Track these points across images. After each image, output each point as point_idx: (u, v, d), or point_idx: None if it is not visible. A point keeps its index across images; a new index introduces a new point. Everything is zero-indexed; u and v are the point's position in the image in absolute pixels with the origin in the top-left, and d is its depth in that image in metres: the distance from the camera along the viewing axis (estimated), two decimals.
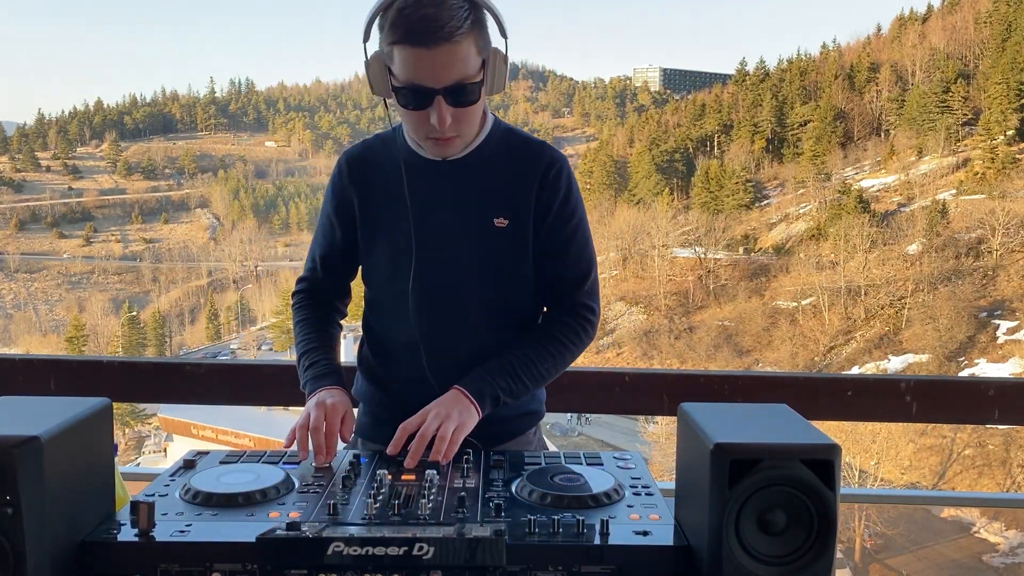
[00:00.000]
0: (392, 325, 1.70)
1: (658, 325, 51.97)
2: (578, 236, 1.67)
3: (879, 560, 21.34)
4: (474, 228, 1.61)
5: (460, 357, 1.62)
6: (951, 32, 72.92)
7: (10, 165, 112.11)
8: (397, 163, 1.63)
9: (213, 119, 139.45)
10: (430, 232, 1.62)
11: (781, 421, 1.16)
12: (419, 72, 1.43)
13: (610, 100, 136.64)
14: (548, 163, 1.63)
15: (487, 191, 1.62)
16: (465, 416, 1.50)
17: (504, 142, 1.66)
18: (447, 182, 1.62)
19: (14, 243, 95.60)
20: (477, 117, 1.55)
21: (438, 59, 1.41)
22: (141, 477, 2.21)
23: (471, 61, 1.45)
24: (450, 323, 1.65)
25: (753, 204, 64.63)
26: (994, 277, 45.39)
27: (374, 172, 1.67)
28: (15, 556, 1.00)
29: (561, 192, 1.64)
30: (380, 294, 1.72)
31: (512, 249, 1.62)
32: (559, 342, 1.65)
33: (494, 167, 1.63)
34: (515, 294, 1.67)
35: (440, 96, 1.45)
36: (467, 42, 1.43)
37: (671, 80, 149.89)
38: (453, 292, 1.64)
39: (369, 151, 1.70)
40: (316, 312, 1.78)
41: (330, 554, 1.03)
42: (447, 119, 1.47)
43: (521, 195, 1.62)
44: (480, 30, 1.46)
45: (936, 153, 59.80)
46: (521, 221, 1.62)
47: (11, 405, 1.16)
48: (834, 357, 44.69)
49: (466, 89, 1.46)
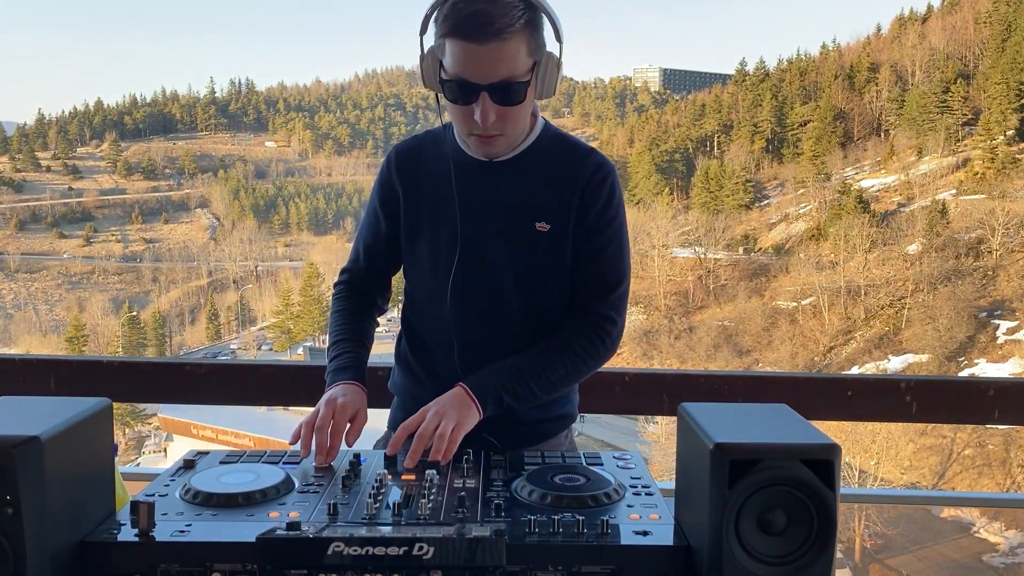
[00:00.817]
0: (429, 320, 1.71)
1: (658, 325, 51.96)
2: (613, 244, 1.65)
3: (879, 560, 21.33)
4: (516, 231, 1.62)
5: (493, 356, 1.61)
6: (951, 32, 72.91)
7: (10, 165, 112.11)
8: (446, 161, 1.64)
9: (213, 119, 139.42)
10: (474, 231, 1.62)
11: (781, 421, 1.16)
12: (467, 66, 1.44)
13: (610, 100, 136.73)
14: (594, 169, 1.63)
15: (532, 195, 1.62)
16: (464, 414, 1.49)
17: (552, 147, 1.66)
18: (494, 183, 1.62)
19: (14, 243, 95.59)
20: (523, 118, 1.55)
21: (486, 55, 1.42)
22: (141, 477, 2.21)
23: (520, 61, 1.45)
24: (485, 322, 1.65)
25: (753, 204, 64.64)
26: (994, 277, 45.38)
27: (422, 168, 1.68)
28: (15, 556, 1.00)
29: (603, 198, 1.63)
30: (419, 289, 1.73)
31: (551, 254, 1.62)
32: (574, 353, 1.61)
33: (540, 171, 1.63)
34: (551, 298, 1.66)
35: (485, 92, 1.45)
36: (517, 41, 1.43)
37: (671, 80, 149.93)
38: (491, 292, 1.64)
39: (418, 147, 1.71)
40: (353, 304, 1.78)
41: (330, 554, 1.03)
42: (491, 116, 1.47)
43: (564, 200, 1.62)
44: (533, 31, 1.47)
45: (936, 153, 59.80)
46: (562, 226, 1.62)
47: (11, 405, 1.16)
48: (834, 357, 44.69)
49: (512, 88, 1.46)
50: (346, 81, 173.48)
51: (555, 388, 1.61)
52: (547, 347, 1.61)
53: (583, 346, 1.62)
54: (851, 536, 21.36)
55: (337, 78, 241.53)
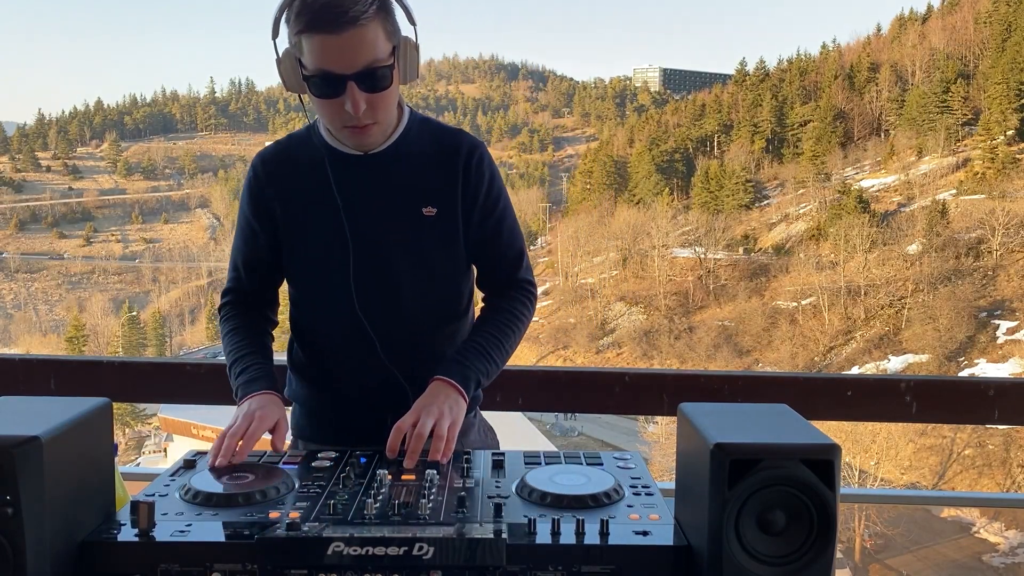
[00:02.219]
0: (330, 321, 1.68)
1: (658, 325, 51.97)
2: (507, 218, 1.72)
3: (879, 560, 21.34)
4: (404, 218, 1.63)
5: (410, 345, 1.65)
6: (951, 32, 72.91)
7: (10, 165, 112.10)
8: (318, 160, 1.63)
9: (213, 119, 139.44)
10: (362, 227, 1.62)
11: (781, 421, 1.16)
12: (328, 58, 1.43)
13: (610, 100, 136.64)
14: (468, 151, 1.66)
15: (413, 181, 1.63)
16: (456, 410, 1.51)
17: (422, 132, 1.67)
18: (372, 174, 1.62)
19: (14, 243, 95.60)
20: (392, 103, 1.55)
21: (346, 44, 1.42)
22: (141, 477, 2.21)
23: (380, 45, 1.45)
24: (391, 311, 1.65)
25: (753, 204, 64.64)
26: (994, 277, 45.39)
27: (293, 171, 1.66)
28: (15, 556, 1.00)
29: (485, 179, 1.67)
30: (312, 291, 1.70)
31: (443, 237, 1.65)
32: (515, 318, 1.71)
33: (417, 157, 1.64)
34: (447, 281, 1.70)
35: (352, 81, 1.45)
36: (374, 26, 1.43)
37: (671, 80, 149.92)
38: (391, 282, 1.64)
39: (284, 151, 1.70)
40: (245, 320, 1.73)
41: (330, 554, 1.03)
42: (361, 104, 1.47)
43: (446, 184, 1.64)
44: (387, 15, 1.47)
45: (936, 153, 59.81)
46: (449, 209, 1.64)
47: (11, 405, 1.16)
48: (834, 357, 44.70)
49: (377, 73, 1.46)
50: None
51: (508, 356, 1.70)
52: (495, 320, 1.69)
53: (522, 312, 1.73)
54: (851, 536, 21.36)
55: None
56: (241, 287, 1.75)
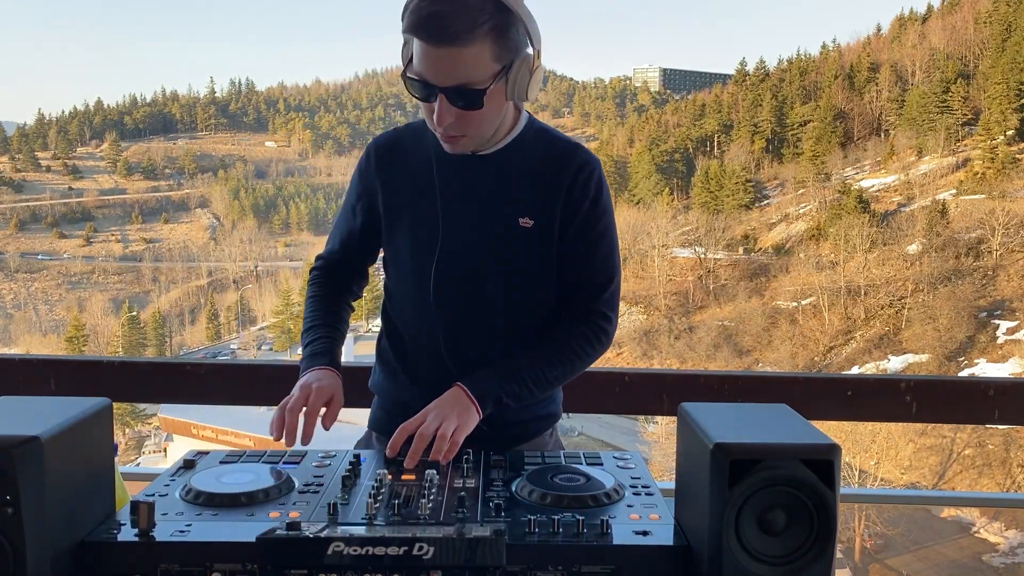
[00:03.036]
0: (412, 314, 1.69)
1: (658, 325, 51.95)
2: (604, 242, 1.64)
3: (879, 560, 21.33)
4: (499, 226, 1.59)
5: (479, 353, 1.60)
6: (951, 32, 72.89)
7: (10, 165, 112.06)
8: (427, 154, 1.62)
9: (213, 119, 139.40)
10: (455, 225, 1.60)
11: (781, 421, 1.16)
12: (424, 66, 1.42)
13: (610, 100, 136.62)
14: (580, 165, 1.60)
15: (515, 190, 1.60)
16: (465, 417, 1.48)
17: (536, 141, 1.63)
18: (476, 177, 1.60)
19: (14, 243, 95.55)
20: (486, 121, 1.51)
21: (442, 58, 1.39)
22: (141, 477, 2.21)
23: (481, 67, 1.41)
24: (469, 318, 1.63)
25: (753, 204, 64.62)
26: (994, 277, 45.38)
27: (402, 161, 1.66)
28: (15, 556, 1.00)
29: (591, 196, 1.61)
30: (400, 284, 1.70)
31: (535, 250, 1.60)
32: (571, 350, 1.61)
33: (524, 166, 1.60)
34: (535, 295, 1.64)
35: (442, 94, 1.43)
36: (478, 47, 1.39)
37: (671, 80, 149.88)
38: (474, 286, 1.62)
39: (398, 140, 1.69)
40: (329, 289, 1.76)
41: (330, 554, 1.03)
42: (446, 118, 1.45)
43: (549, 197, 1.59)
44: (500, 37, 1.41)
45: (936, 153, 59.79)
46: (547, 223, 1.59)
47: (11, 405, 1.16)
48: (834, 357, 44.68)
49: (468, 94, 1.42)
50: (346, 81, 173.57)
51: (551, 387, 1.61)
52: (544, 346, 1.61)
53: (580, 344, 1.62)
54: (851, 536, 21.35)
55: (337, 78, 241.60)
56: (333, 258, 1.78)
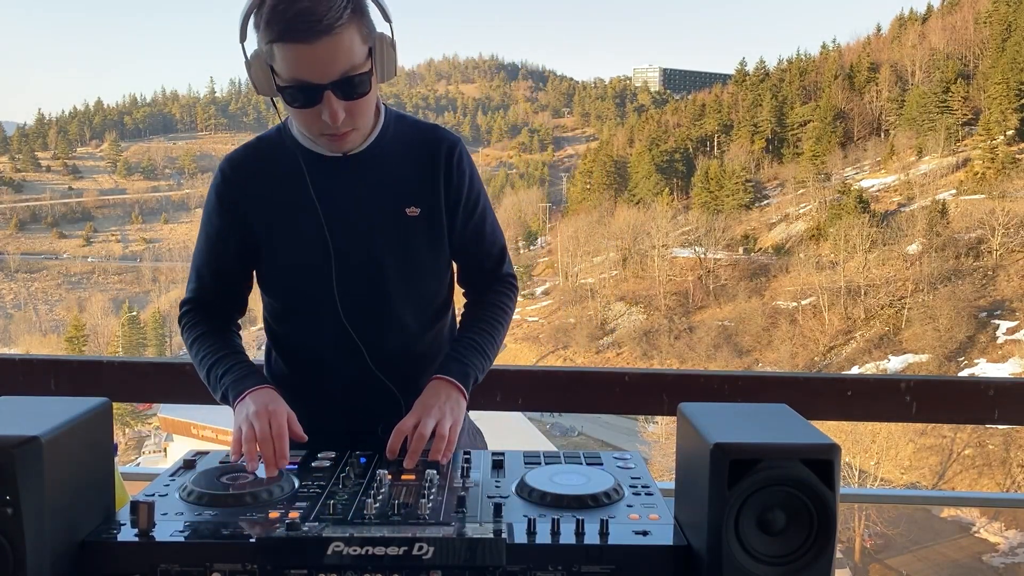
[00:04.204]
0: (313, 331, 1.63)
1: (658, 325, 51.95)
2: (489, 215, 1.71)
3: (879, 560, 21.33)
4: (388, 220, 1.59)
5: (396, 351, 1.62)
6: (951, 32, 72.90)
7: (10, 165, 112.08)
8: (293, 163, 1.55)
9: (213, 119, 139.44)
10: (344, 229, 1.57)
11: (781, 421, 1.16)
12: (303, 68, 1.37)
13: (610, 100, 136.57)
14: (448, 148, 1.63)
15: (393, 181, 1.59)
16: (457, 410, 1.50)
17: (399, 129, 1.63)
18: (352, 176, 1.58)
19: (14, 243, 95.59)
20: (371, 108, 1.51)
21: (321, 53, 1.35)
22: (141, 477, 2.21)
23: (356, 51, 1.39)
24: (378, 318, 1.62)
25: (753, 204, 64.63)
26: (994, 277, 45.38)
27: (265, 174, 1.59)
28: (15, 556, 1.00)
29: (466, 177, 1.65)
30: (293, 301, 1.64)
31: (428, 236, 1.62)
32: (503, 311, 1.71)
33: (396, 156, 1.60)
34: (433, 280, 1.68)
35: (329, 91, 1.40)
36: (349, 32, 1.37)
37: (671, 80, 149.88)
38: (376, 287, 1.61)
39: (254, 153, 1.62)
40: (211, 326, 1.63)
41: (330, 554, 1.03)
42: (340, 114, 1.42)
43: (428, 182, 1.61)
44: (362, 17, 1.40)
45: (936, 153, 59.80)
46: (433, 208, 1.61)
47: (11, 405, 1.16)
48: (834, 357, 44.68)
49: (355, 81, 1.41)
50: None
51: (498, 350, 1.69)
52: (485, 316, 1.69)
53: (508, 305, 1.74)
54: (851, 536, 21.36)
55: None
56: (204, 296, 1.66)
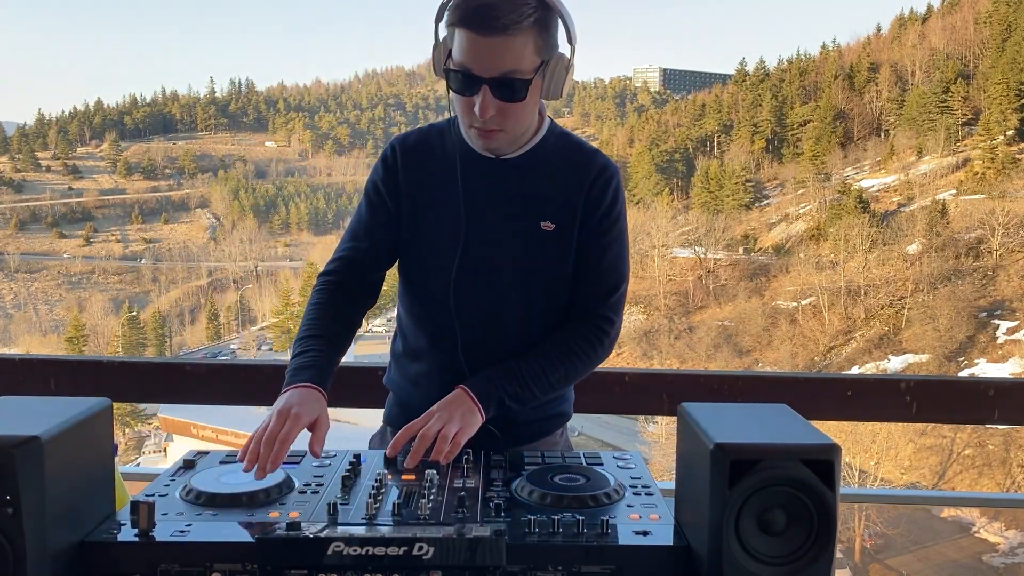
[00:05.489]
0: (429, 316, 1.68)
1: (658, 325, 51.93)
2: (614, 247, 1.65)
3: (879, 560, 21.32)
4: (521, 229, 1.61)
5: (495, 353, 1.60)
6: (951, 32, 72.86)
7: (10, 165, 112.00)
8: (451, 155, 1.62)
9: (213, 119, 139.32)
10: (478, 227, 1.61)
11: (781, 421, 1.16)
12: (470, 57, 1.44)
13: (610, 100, 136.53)
14: (599, 171, 1.64)
15: (537, 194, 1.61)
16: (468, 419, 1.48)
17: (558, 146, 1.65)
18: (499, 180, 1.61)
19: (14, 243, 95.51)
20: (524, 116, 1.53)
21: (490, 47, 1.42)
22: (141, 477, 2.21)
23: (525, 58, 1.45)
24: (487, 319, 1.63)
25: (753, 204, 64.61)
26: (994, 277, 45.36)
27: (427, 160, 1.65)
28: (15, 556, 1.00)
29: (607, 200, 1.63)
30: (419, 284, 1.69)
31: (556, 254, 1.62)
32: (574, 353, 1.61)
33: (546, 170, 1.62)
34: (553, 298, 1.66)
35: (486, 85, 1.45)
36: (524, 38, 1.43)
37: (671, 80, 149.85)
38: (494, 289, 1.63)
39: (423, 139, 1.68)
40: (335, 297, 1.65)
41: (330, 554, 1.03)
42: (489, 110, 1.46)
43: (569, 201, 1.62)
44: (543, 31, 1.46)
45: (936, 153, 59.77)
46: (566, 227, 1.61)
47: (11, 405, 1.16)
48: (834, 357, 44.67)
49: (513, 84, 1.45)
50: (346, 81, 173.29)
51: (553, 389, 1.62)
52: (547, 349, 1.61)
53: (582, 347, 1.62)
54: (851, 536, 21.35)
55: (337, 78, 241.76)
56: (355, 255, 1.67)
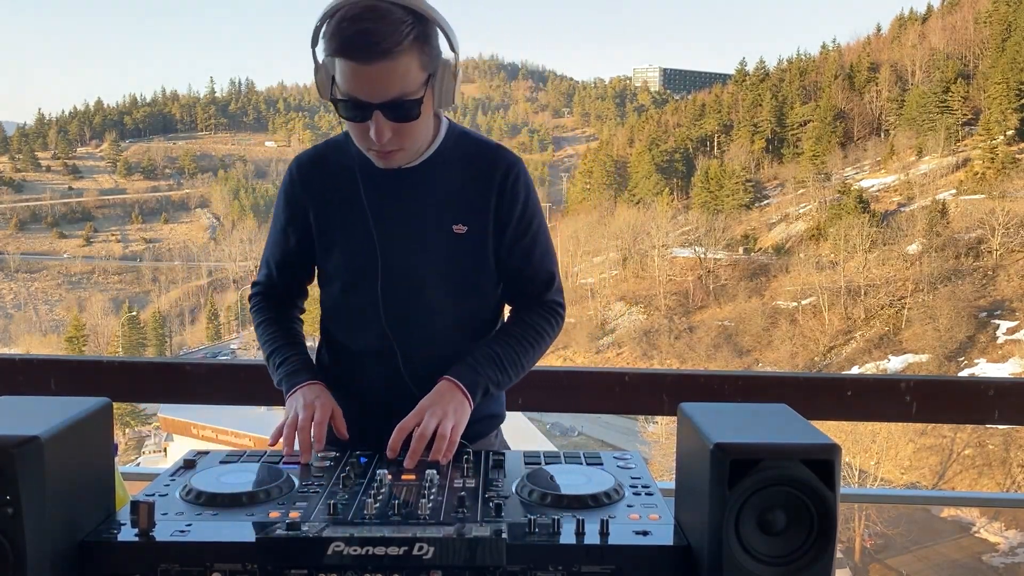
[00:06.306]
0: (359, 332, 1.68)
1: (658, 325, 51.95)
2: (540, 240, 1.69)
3: (879, 560, 21.33)
4: (434, 235, 1.61)
5: (433, 361, 1.61)
6: (951, 32, 72.88)
7: (10, 165, 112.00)
8: (351, 169, 1.61)
9: (213, 119, 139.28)
10: (392, 239, 1.60)
11: (781, 421, 1.16)
12: (356, 86, 1.41)
13: (610, 100, 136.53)
14: (505, 169, 1.63)
15: (445, 197, 1.61)
16: (460, 412, 1.50)
17: (459, 147, 1.64)
18: (404, 188, 1.60)
19: (14, 243, 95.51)
20: (419, 132, 1.53)
21: (375, 75, 1.39)
22: (141, 477, 2.22)
23: (411, 77, 1.42)
24: (419, 328, 1.64)
25: (753, 204, 64.62)
26: (994, 277, 45.38)
27: (328, 178, 1.64)
28: (15, 556, 0.99)
29: (520, 199, 1.64)
30: (342, 301, 1.69)
31: (473, 255, 1.63)
32: (540, 336, 1.68)
33: (451, 174, 1.62)
34: (476, 299, 1.68)
35: (378, 112, 1.43)
36: (407, 58, 1.40)
37: (671, 80, 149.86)
38: (419, 298, 1.63)
39: (321, 157, 1.68)
40: (277, 312, 1.75)
41: (330, 554, 1.03)
42: (385, 134, 1.45)
43: (480, 202, 1.61)
44: (425, 45, 1.43)
45: (936, 153, 59.79)
46: (480, 228, 1.62)
47: (11, 405, 1.16)
48: (834, 357, 44.68)
49: (404, 106, 1.44)
50: None
51: (523, 371, 1.66)
52: (515, 332, 1.66)
53: (546, 330, 1.69)
54: (851, 536, 21.36)
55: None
56: (270, 283, 1.76)
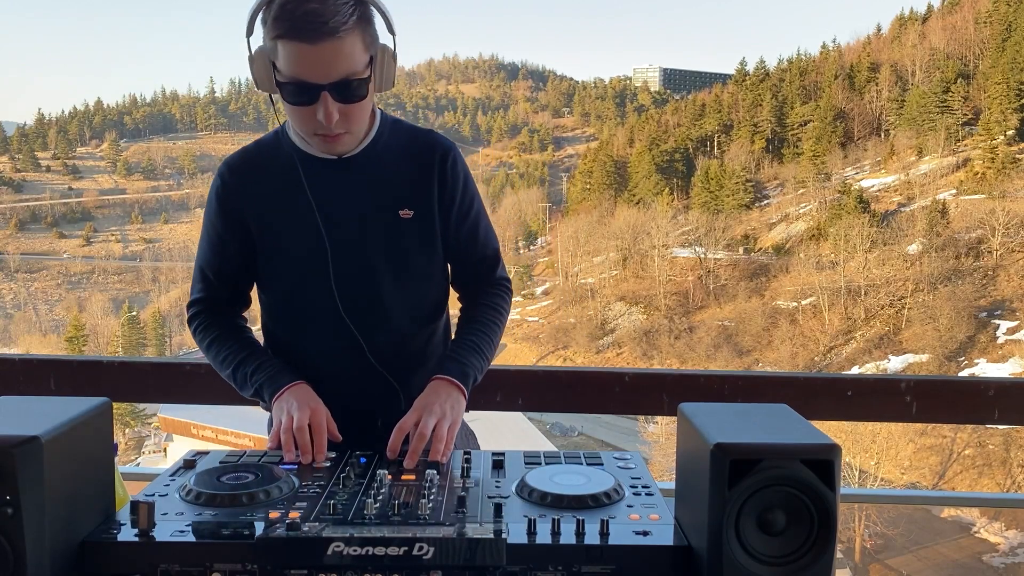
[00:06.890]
0: (313, 327, 1.67)
1: (658, 325, 51.94)
2: (482, 219, 1.75)
3: (879, 560, 21.33)
4: (380, 221, 1.63)
5: (390, 347, 1.65)
6: (951, 32, 72.89)
7: (10, 165, 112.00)
8: (290, 164, 1.61)
9: (213, 119, 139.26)
10: (339, 229, 1.61)
11: (781, 421, 1.16)
12: (304, 67, 1.42)
13: (610, 100, 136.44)
14: (443, 153, 1.67)
15: (388, 184, 1.64)
16: (456, 409, 1.53)
17: (395, 134, 1.67)
18: (346, 178, 1.62)
19: (14, 243, 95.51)
20: (365, 114, 1.55)
21: (323, 55, 1.41)
22: (141, 477, 2.21)
23: (357, 57, 1.45)
24: (373, 315, 1.65)
25: (753, 204, 64.61)
26: (994, 277, 45.37)
27: (264, 177, 1.64)
28: (15, 556, 1.00)
29: (460, 182, 1.69)
30: (292, 298, 1.68)
31: (421, 239, 1.66)
32: (499, 313, 1.75)
33: (390, 160, 1.65)
34: (426, 282, 1.71)
35: (326, 92, 1.45)
36: (353, 38, 1.43)
37: (671, 80, 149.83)
38: (373, 285, 1.65)
39: (252, 157, 1.68)
40: (225, 327, 1.70)
41: (330, 554, 1.03)
42: (334, 115, 1.47)
43: (422, 186, 1.65)
44: (367, 26, 1.46)
45: (936, 153, 59.78)
46: (426, 211, 1.65)
47: (11, 405, 1.16)
48: (834, 357, 44.67)
49: (352, 85, 1.46)
50: None
51: (495, 352, 1.72)
52: (481, 318, 1.72)
53: (503, 307, 1.77)
54: (851, 536, 21.36)
55: None
56: (212, 295, 1.71)
